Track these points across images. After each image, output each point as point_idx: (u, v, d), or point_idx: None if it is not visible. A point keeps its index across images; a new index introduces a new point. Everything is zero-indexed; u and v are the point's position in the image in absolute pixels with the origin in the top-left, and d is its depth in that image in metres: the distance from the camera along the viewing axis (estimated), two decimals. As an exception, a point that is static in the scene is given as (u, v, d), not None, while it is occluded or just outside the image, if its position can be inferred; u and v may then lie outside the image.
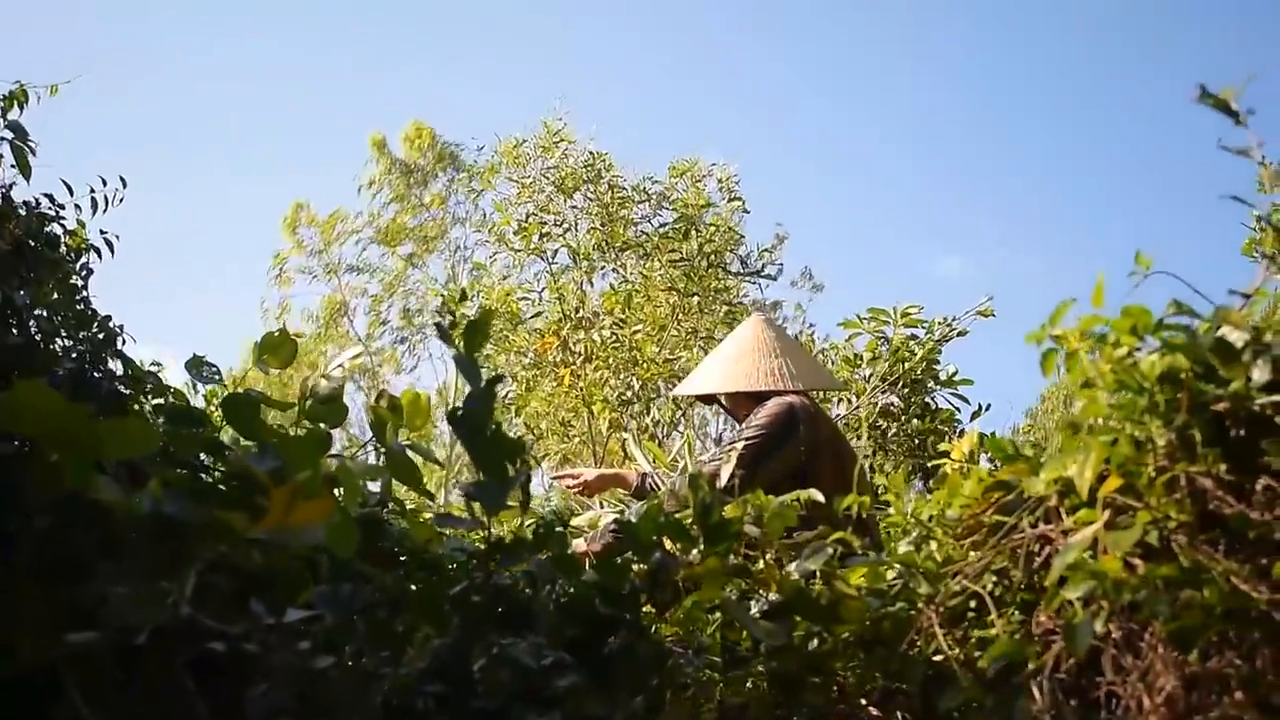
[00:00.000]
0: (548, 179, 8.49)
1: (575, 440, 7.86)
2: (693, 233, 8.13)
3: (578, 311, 7.79)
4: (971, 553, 1.18)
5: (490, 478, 1.10)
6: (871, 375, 3.80)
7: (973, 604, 1.15)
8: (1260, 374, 1.00)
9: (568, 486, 3.08)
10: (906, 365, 3.76)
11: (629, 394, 7.42)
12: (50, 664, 0.99)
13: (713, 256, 8.12)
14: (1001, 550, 1.14)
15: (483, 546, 1.14)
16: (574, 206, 8.53)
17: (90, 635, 0.96)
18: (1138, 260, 1.18)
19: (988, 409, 3.80)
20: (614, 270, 8.33)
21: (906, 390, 3.89)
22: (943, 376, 3.94)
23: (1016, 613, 1.15)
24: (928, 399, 3.93)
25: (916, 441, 3.82)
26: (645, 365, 7.32)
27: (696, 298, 7.81)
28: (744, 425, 2.58)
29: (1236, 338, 1.03)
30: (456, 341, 1.10)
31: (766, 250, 8.71)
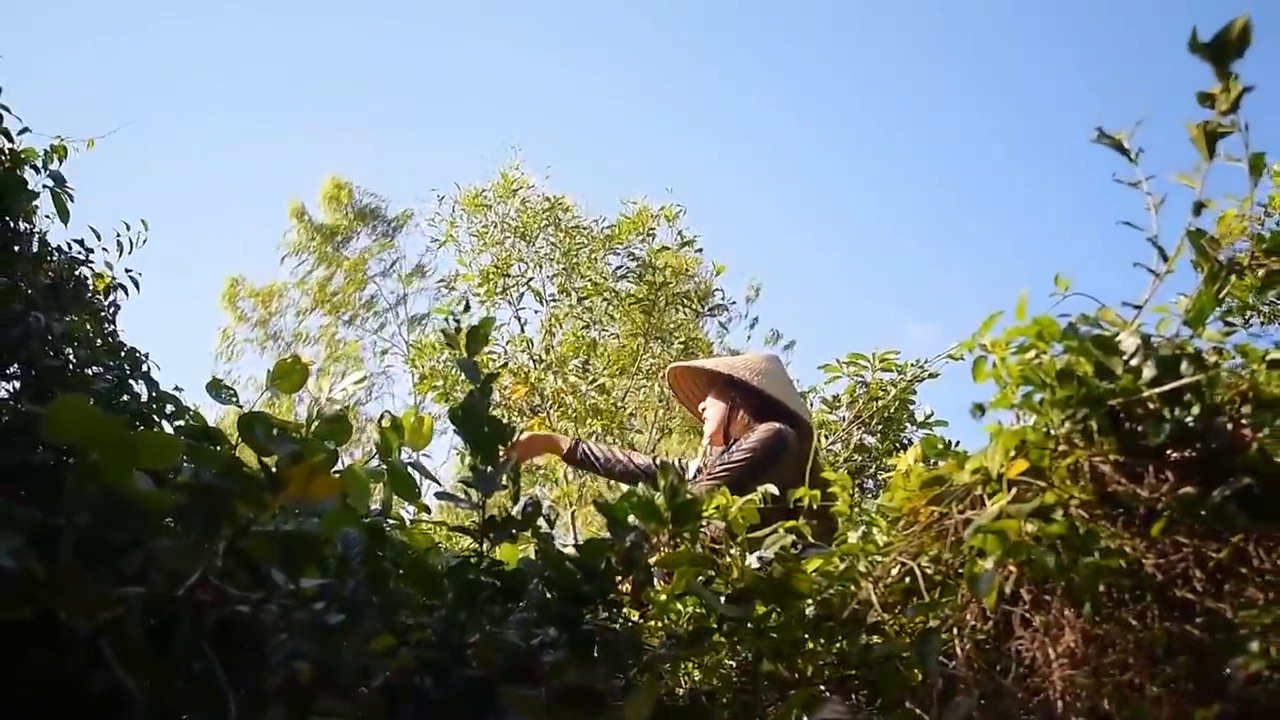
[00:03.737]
0: (508, 227, 8.65)
1: (545, 486, 8.00)
2: (649, 274, 8.26)
3: (547, 353, 7.94)
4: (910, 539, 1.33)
5: (486, 464, 1.26)
6: (849, 417, 3.98)
7: (909, 581, 1.30)
8: (1149, 372, 1.17)
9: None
10: (880, 404, 3.93)
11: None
12: (89, 635, 1.12)
13: (671, 297, 8.27)
14: (933, 534, 1.29)
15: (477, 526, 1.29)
16: (536, 252, 8.68)
17: (138, 590, 1.10)
18: (1056, 282, 1.36)
19: (957, 445, 3.95)
20: (577, 316, 8.45)
21: (881, 428, 4.06)
22: (919, 418, 4.11)
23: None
24: (904, 438, 4.09)
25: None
26: (602, 414, 7.46)
27: (660, 341, 7.96)
28: (734, 447, 2.72)
29: (1130, 343, 1.19)
30: (460, 344, 1.27)
31: (722, 305, 8.82)
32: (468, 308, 1.34)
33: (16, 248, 1.94)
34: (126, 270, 2.45)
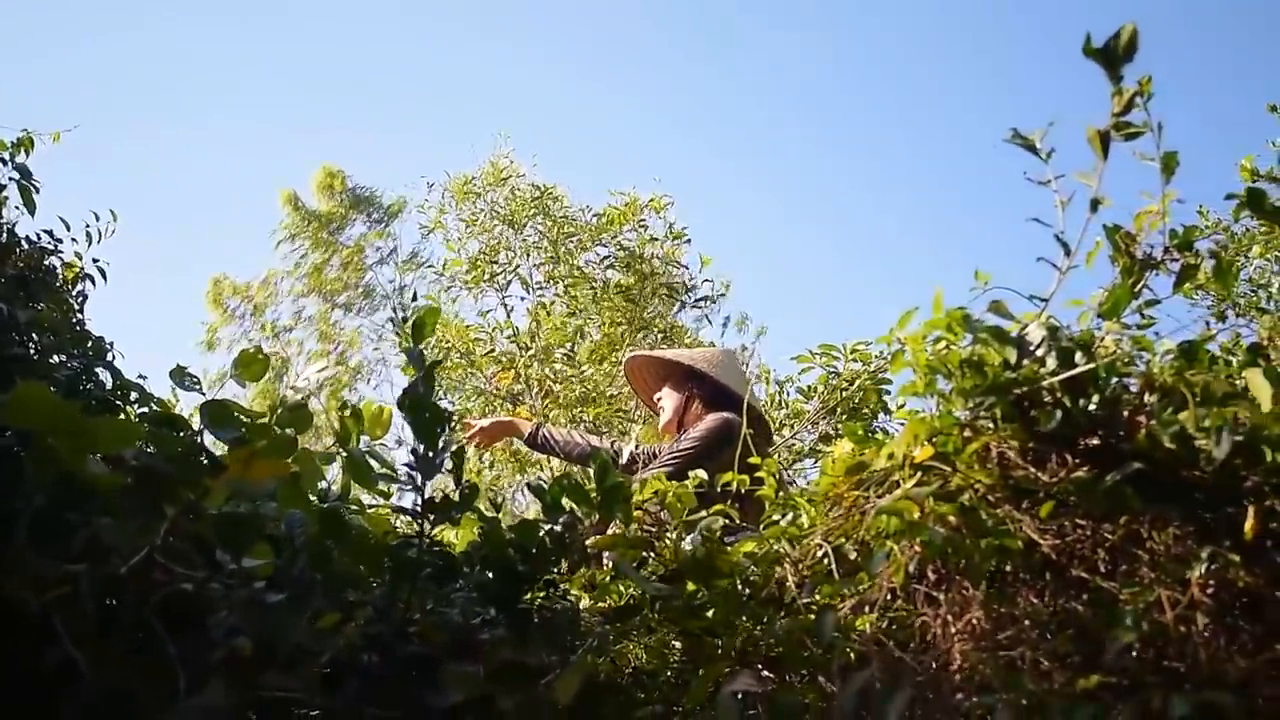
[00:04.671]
0: (496, 214, 8.70)
1: (532, 474, 8.07)
2: (636, 263, 8.32)
3: (533, 341, 8.00)
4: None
5: (427, 448, 1.32)
6: (816, 406, 4.04)
7: (828, 563, 1.36)
8: (1051, 362, 1.22)
9: (466, 438, 3.21)
10: (844, 394, 3.99)
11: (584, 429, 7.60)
12: (42, 612, 1.17)
13: (658, 288, 8.34)
14: (855, 517, 1.35)
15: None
16: (524, 240, 8.72)
17: (82, 566, 1.15)
18: (977, 276, 1.41)
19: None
20: (564, 303, 8.50)
21: (846, 417, 4.12)
22: (892, 408, 4.18)
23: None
24: (875, 427, 4.15)
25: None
26: (594, 402, 7.53)
27: (644, 332, 8.03)
28: (683, 435, 2.79)
29: (1036, 334, 1.25)
30: (405, 333, 1.32)
31: (707, 297, 8.86)
32: (415, 297, 1.39)
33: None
34: (95, 261, 2.50)
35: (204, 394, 2.19)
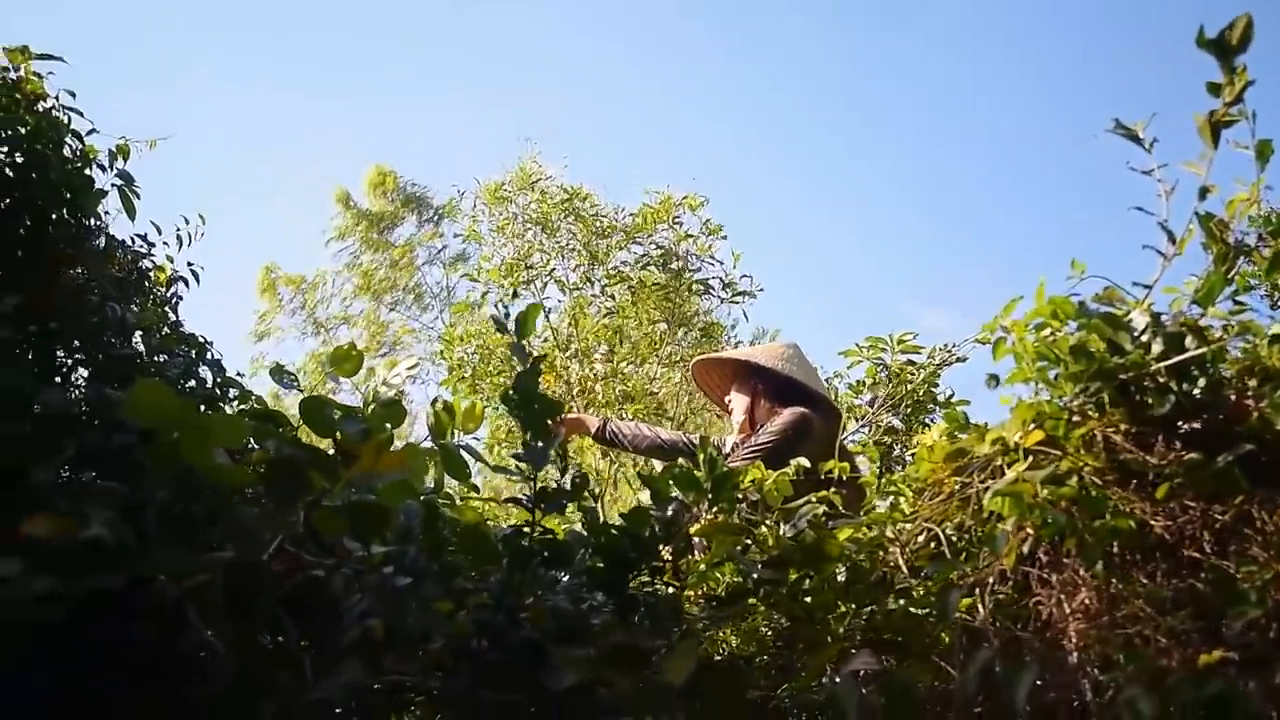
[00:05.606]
0: (529, 218, 8.76)
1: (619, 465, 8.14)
2: (672, 261, 8.37)
3: (570, 343, 8.05)
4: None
5: (536, 439, 1.36)
6: (875, 399, 4.05)
7: (934, 547, 1.39)
8: (1157, 347, 1.25)
9: None
10: (908, 388, 4.00)
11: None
12: (177, 600, 1.22)
13: (694, 285, 8.38)
14: (956, 502, 1.38)
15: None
16: (557, 243, 8.78)
17: (225, 555, 1.20)
18: (1073, 266, 1.44)
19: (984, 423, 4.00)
20: (602, 301, 8.55)
21: (909, 411, 4.14)
22: (941, 400, 4.18)
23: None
24: (928, 420, 4.16)
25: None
26: (636, 400, 7.56)
27: (683, 329, 8.06)
28: (760, 431, 2.81)
29: (1140, 320, 1.28)
30: (509, 329, 1.36)
31: (744, 292, 8.88)
32: (516, 295, 1.43)
33: (90, 243, 2.06)
34: (189, 264, 2.58)
35: (301, 391, 2.25)
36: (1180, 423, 1.27)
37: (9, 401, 1.49)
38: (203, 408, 1.99)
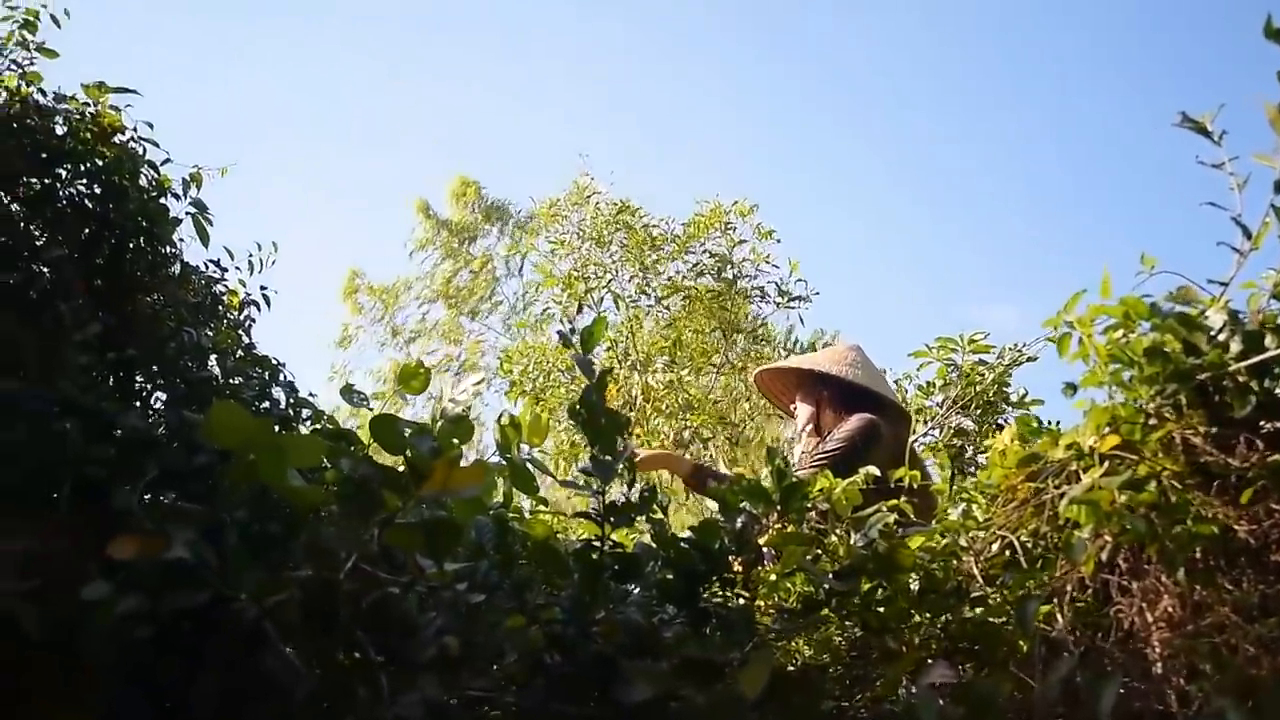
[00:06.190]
0: (583, 234, 8.82)
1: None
2: (726, 269, 8.36)
3: (628, 356, 8.07)
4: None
5: (604, 454, 1.37)
6: (944, 401, 3.99)
7: (1008, 555, 1.37)
8: (1236, 346, 1.22)
9: None
10: (979, 388, 3.93)
11: (685, 437, 7.66)
12: (256, 620, 1.24)
13: (750, 292, 8.36)
14: (1031, 509, 1.36)
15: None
16: (611, 257, 8.83)
17: (306, 573, 1.23)
18: (1143, 261, 1.41)
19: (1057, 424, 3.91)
20: (659, 312, 8.58)
21: (980, 412, 4.07)
22: (1014, 399, 4.11)
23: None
24: (1000, 420, 4.09)
25: (992, 462, 3.95)
26: (698, 409, 7.54)
27: (740, 334, 8.03)
28: (828, 438, 2.79)
29: (1216, 319, 1.24)
30: (575, 344, 1.37)
31: (798, 297, 8.84)
32: (581, 310, 1.44)
33: (166, 270, 2.13)
34: (261, 288, 2.65)
35: (370, 409, 2.28)
36: (1262, 423, 1.23)
37: (92, 426, 1.54)
38: (277, 428, 2.04)
